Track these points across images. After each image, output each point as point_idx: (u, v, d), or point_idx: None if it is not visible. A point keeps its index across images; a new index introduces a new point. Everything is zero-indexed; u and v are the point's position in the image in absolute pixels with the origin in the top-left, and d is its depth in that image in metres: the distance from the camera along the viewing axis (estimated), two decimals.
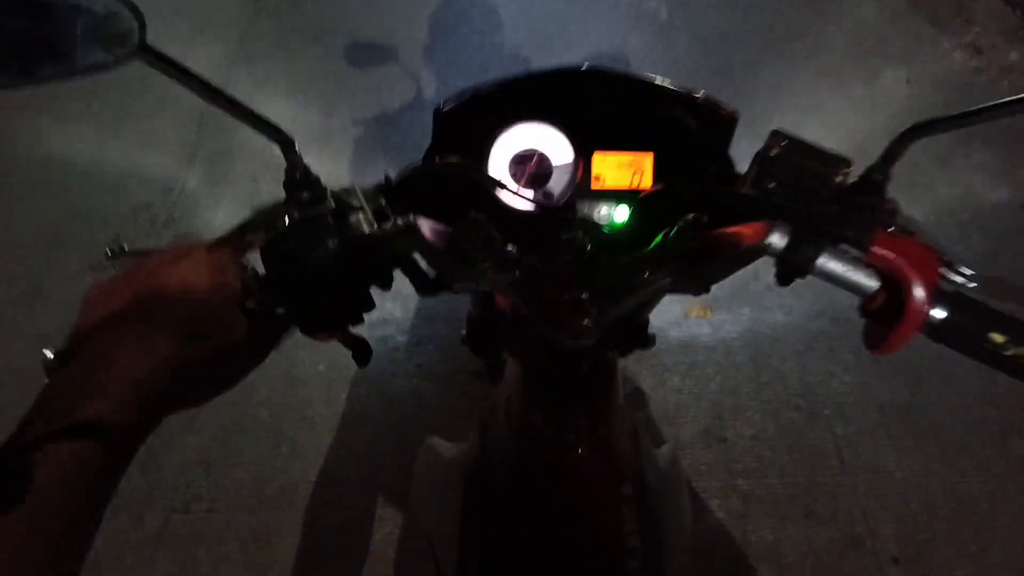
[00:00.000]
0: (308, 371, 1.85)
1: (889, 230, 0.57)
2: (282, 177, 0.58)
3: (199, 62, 2.59)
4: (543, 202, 0.70)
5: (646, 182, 0.71)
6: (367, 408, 1.79)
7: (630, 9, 2.90)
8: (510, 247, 0.62)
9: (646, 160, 0.69)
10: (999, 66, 2.76)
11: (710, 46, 2.75)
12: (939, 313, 0.54)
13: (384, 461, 1.69)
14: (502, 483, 0.73)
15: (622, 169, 0.70)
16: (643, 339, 0.89)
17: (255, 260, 0.57)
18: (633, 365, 1.86)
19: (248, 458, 1.71)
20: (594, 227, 0.67)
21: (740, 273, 0.64)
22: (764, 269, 0.57)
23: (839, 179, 0.58)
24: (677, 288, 0.64)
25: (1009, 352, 0.53)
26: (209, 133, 2.42)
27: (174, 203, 2.24)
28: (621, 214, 0.70)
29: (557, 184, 0.70)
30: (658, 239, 0.62)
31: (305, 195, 0.57)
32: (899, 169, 0.55)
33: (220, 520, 1.61)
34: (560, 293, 0.60)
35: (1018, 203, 2.28)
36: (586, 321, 0.59)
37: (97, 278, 0.50)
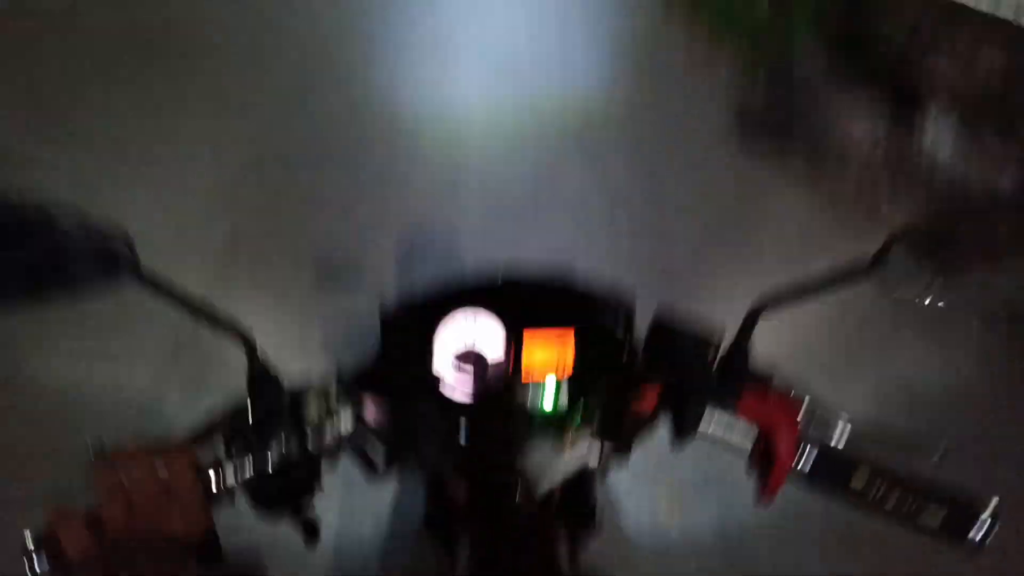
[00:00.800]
0: None
1: (758, 389, 0.67)
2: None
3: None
4: (479, 396, 0.78)
5: (568, 360, 0.79)
6: None
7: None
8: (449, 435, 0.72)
9: (568, 335, 0.79)
10: None
11: (651, 244, 3.00)
12: (805, 463, 0.63)
13: None
14: None
15: (548, 349, 0.78)
16: (591, 521, 0.97)
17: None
18: None
19: None
20: (524, 416, 0.76)
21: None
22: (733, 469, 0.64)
23: (712, 350, 0.70)
24: (602, 465, 0.73)
25: (869, 497, 0.61)
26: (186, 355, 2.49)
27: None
28: (548, 402, 0.79)
29: (493, 376, 0.79)
30: (576, 422, 0.71)
31: (265, 391, 0.67)
32: None
33: None
34: (493, 476, 0.68)
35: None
36: (517, 498, 0.67)
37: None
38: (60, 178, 3.01)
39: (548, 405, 0.79)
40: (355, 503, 2.08)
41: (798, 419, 0.67)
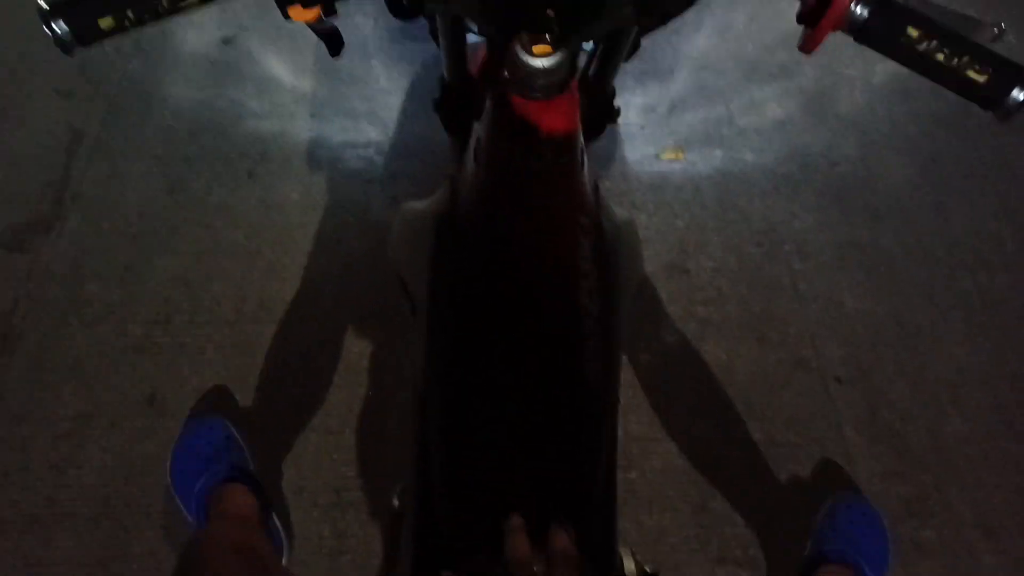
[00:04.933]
0: (283, 197, 1.87)
1: None
2: None
3: None
4: None
5: None
6: (342, 234, 1.82)
7: None
8: None
9: None
10: None
11: None
12: (861, 10, 0.58)
13: (359, 282, 1.74)
14: (468, 210, 0.77)
15: None
16: (609, 111, 0.94)
17: None
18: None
19: (226, 275, 1.75)
20: None
21: (715, 117, 0.62)
22: (739, 113, 0.58)
23: None
24: (640, 19, 0.67)
25: (921, 47, 0.59)
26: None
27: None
28: None
29: None
30: None
31: None
32: None
33: (200, 332, 1.67)
34: (529, 11, 0.62)
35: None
36: (550, 39, 0.62)
37: None
38: None
39: None
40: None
41: None
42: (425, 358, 0.78)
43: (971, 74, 0.61)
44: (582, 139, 0.86)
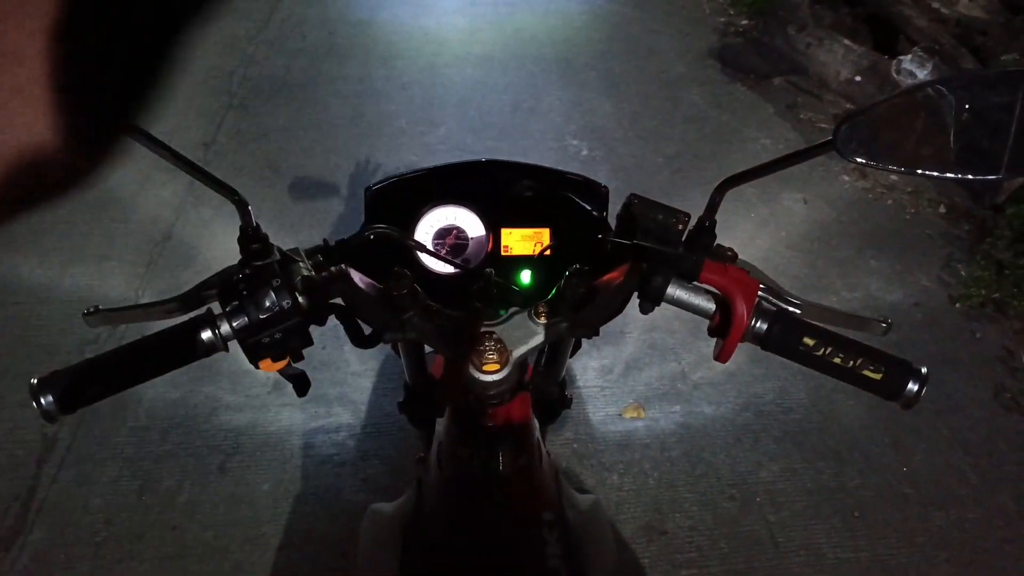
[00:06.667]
0: (254, 489, 1.86)
1: (720, 261, 0.72)
2: None
3: (149, 204, 2.74)
4: (461, 264, 0.82)
5: (545, 242, 0.85)
6: (313, 523, 1.80)
7: (556, 146, 3.22)
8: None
9: (544, 233, 0.84)
10: (882, 185, 3.11)
11: (628, 175, 3.04)
12: (761, 325, 0.68)
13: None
14: (435, 517, 0.80)
15: (525, 241, 0.84)
16: (562, 400, 1.03)
17: None
18: (574, 466, 1.93)
19: None
20: (504, 287, 0.79)
21: (669, 373, 0.73)
22: (690, 368, 0.69)
23: (680, 227, 0.74)
24: (574, 332, 0.77)
25: (819, 352, 0.67)
26: (157, 273, 2.51)
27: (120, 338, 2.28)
28: (525, 276, 0.83)
29: (473, 253, 0.83)
30: (553, 292, 0.75)
31: (255, 247, 0.69)
32: (804, 275, 0.70)
33: None
34: (476, 336, 0.72)
35: (911, 302, 2.52)
36: (496, 357, 0.71)
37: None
38: None
39: (525, 279, 0.84)
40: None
41: (756, 289, 0.71)
42: None
43: (867, 373, 0.69)
44: (538, 431, 0.93)
